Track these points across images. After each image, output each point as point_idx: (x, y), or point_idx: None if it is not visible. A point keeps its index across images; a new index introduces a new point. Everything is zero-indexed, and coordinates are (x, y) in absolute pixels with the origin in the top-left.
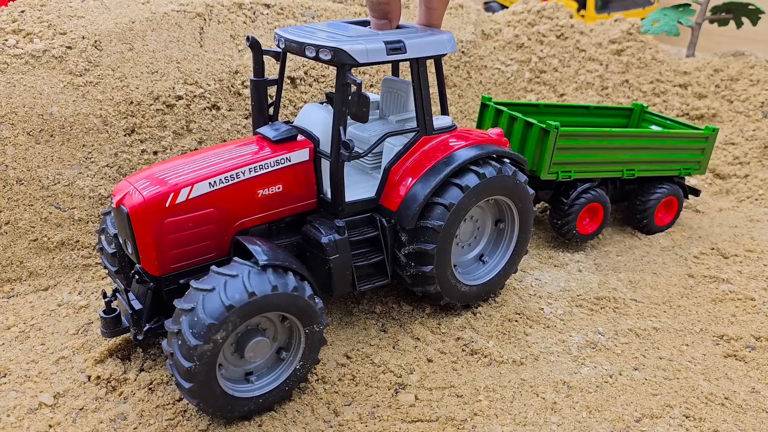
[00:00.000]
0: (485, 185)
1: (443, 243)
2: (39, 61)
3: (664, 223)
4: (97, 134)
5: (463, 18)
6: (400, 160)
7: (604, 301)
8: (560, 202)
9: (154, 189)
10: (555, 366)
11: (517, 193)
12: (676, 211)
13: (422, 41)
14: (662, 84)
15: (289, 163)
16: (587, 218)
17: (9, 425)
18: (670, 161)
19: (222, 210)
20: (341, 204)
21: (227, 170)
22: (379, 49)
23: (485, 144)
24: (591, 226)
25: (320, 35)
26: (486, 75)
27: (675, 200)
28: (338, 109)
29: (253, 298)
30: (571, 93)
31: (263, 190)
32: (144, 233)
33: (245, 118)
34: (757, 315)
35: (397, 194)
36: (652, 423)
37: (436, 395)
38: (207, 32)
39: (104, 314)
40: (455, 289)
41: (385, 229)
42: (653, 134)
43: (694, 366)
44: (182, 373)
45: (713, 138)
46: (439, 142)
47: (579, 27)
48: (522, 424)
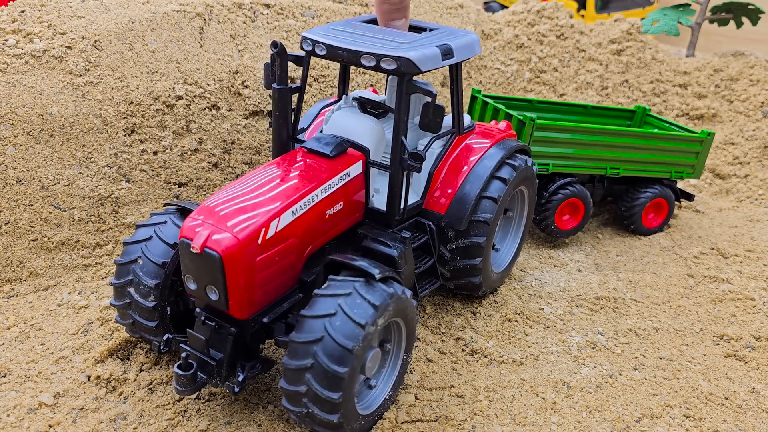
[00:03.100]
0: (518, 177)
1: (490, 235)
2: (39, 61)
3: (653, 225)
4: (97, 134)
5: (463, 18)
6: (441, 162)
7: (604, 301)
8: (539, 195)
9: (246, 226)
10: (555, 366)
11: (531, 181)
12: (666, 214)
13: (464, 44)
14: (662, 84)
15: (349, 178)
16: (567, 214)
17: (9, 425)
18: (660, 163)
19: (301, 238)
20: (398, 213)
21: (304, 195)
22: (436, 55)
23: (507, 139)
24: (570, 222)
25: (367, 41)
26: (486, 75)
27: (665, 203)
28: (400, 118)
29: (378, 311)
30: (571, 93)
31: (330, 210)
32: (237, 277)
33: (245, 118)
34: (757, 315)
35: (444, 196)
36: (652, 423)
37: (436, 395)
38: (207, 32)
39: (181, 371)
40: (489, 278)
41: (434, 232)
42: (638, 134)
43: (694, 366)
44: (328, 407)
45: (709, 142)
46: (469, 143)
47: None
48: (522, 424)
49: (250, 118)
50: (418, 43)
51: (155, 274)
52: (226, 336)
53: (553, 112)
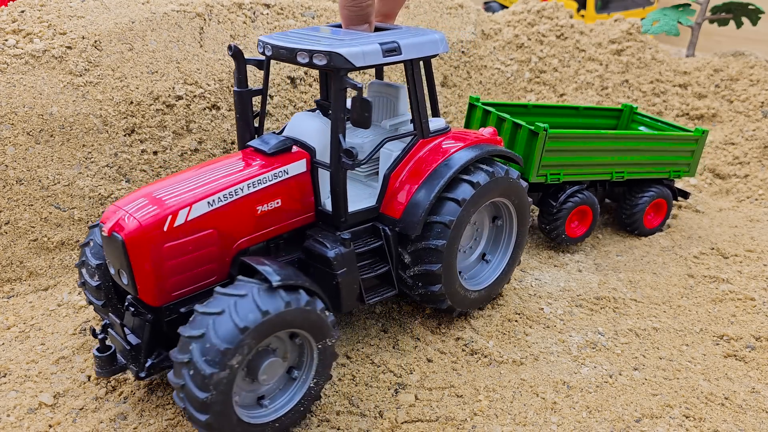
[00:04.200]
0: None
1: (453, 241)
2: (39, 61)
3: (653, 225)
4: (97, 134)
5: (463, 18)
6: (399, 165)
7: (604, 301)
8: (549, 205)
9: (150, 212)
10: (555, 366)
11: (516, 193)
12: (665, 214)
13: (416, 42)
14: (662, 84)
15: (287, 175)
16: (576, 221)
17: (9, 425)
18: (660, 163)
19: (222, 230)
20: (344, 215)
21: (225, 187)
22: (375, 51)
23: (483, 144)
24: (580, 229)
25: (310, 40)
26: (486, 75)
27: (664, 203)
28: (336, 116)
29: (267, 317)
30: (571, 93)
31: (262, 206)
32: (142, 261)
33: None
34: (757, 315)
35: (400, 201)
36: (652, 423)
37: (436, 395)
38: (207, 32)
39: (98, 353)
40: (458, 292)
41: (389, 237)
42: (643, 136)
43: (694, 366)
44: (197, 405)
45: (703, 140)
46: (436, 144)
47: (579, 27)
48: (522, 424)
49: None
50: (359, 40)
51: (99, 255)
52: (143, 323)
53: (548, 116)
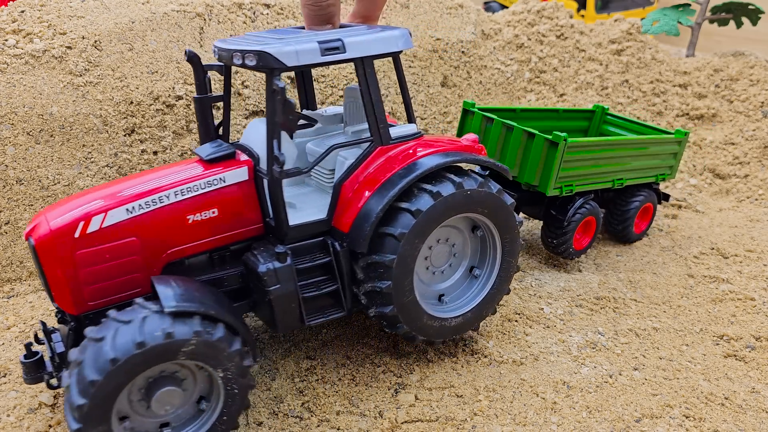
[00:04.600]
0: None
1: (407, 256)
2: (39, 61)
3: (640, 230)
4: (97, 134)
5: (463, 18)
6: (353, 175)
7: (604, 301)
8: (556, 219)
9: (62, 218)
10: (555, 366)
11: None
12: (650, 218)
13: (365, 39)
14: (662, 84)
15: (224, 184)
16: (580, 232)
17: (9, 425)
18: (651, 168)
19: (146, 239)
20: (285, 228)
21: (147, 194)
22: (312, 49)
23: (455, 152)
24: (584, 240)
25: (251, 41)
26: (486, 75)
27: (651, 207)
28: (270, 120)
29: (143, 349)
30: (571, 93)
31: (194, 215)
32: (53, 268)
33: (245, 118)
34: (757, 315)
35: (349, 213)
36: (652, 423)
37: (436, 395)
38: (207, 32)
39: (24, 359)
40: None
41: (338, 253)
42: (648, 141)
43: (694, 366)
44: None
45: (684, 142)
46: (398, 152)
47: (579, 27)
48: (522, 424)
49: (250, 118)
50: (297, 38)
51: None
52: (67, 330)
53: (534, 120)
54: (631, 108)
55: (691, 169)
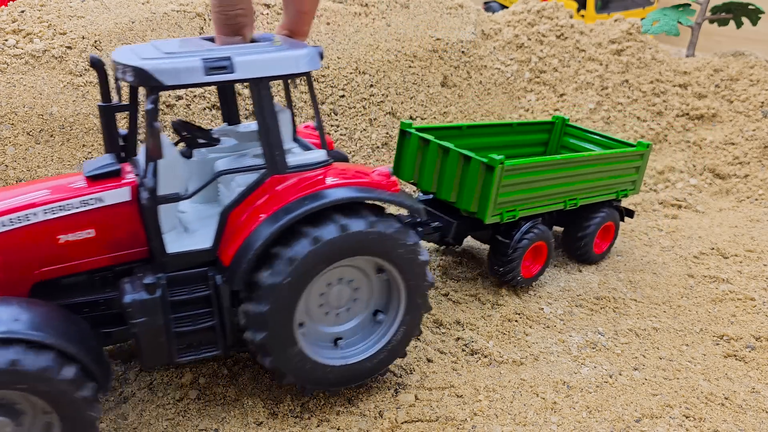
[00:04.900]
0: (354, 241)
1: (284, 307)
2: (39, 61)
3: (601, 250)
4: (97, 134)
5: (463, 18)
6: (242, 203)
7: (604, 301)
8: (501, 245)
9: None
10: (555, 366)
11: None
12: (612, 237)
13: (259, 58)
14: (662, 84)
15: (102, 204)
16: (530, 259)
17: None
18: (610, 184)
19: (9, 258)
20: (160, 256)
21: (12, 211)
22: (193, 68)
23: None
24: (534, 268)
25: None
26: (486, 75)
27: (612, 226)
28: (148, 141)
29: None
30: (571, 93)
31: (67, 235)
32: None
33: (245, 118)
34: (757, 315)
35: (233, 246)
36: (652, 423)
37: (436, 395)
38: (207, 32)
39: None
40: (303, 365)
41: (219, 288)
42: (600, 156)
43: (694, 366)
44: None
45: (647, 155)
46: (293, 183)
47: (579, 27)
48: (522, 424)
49: (250, 118)
50: (180, 54)
51: None
52: None
53: (483, 136)
54: (631, 108)
55: (691, 169)
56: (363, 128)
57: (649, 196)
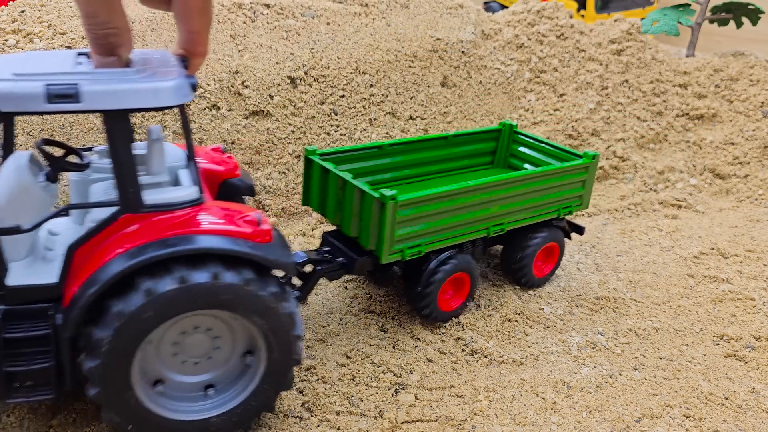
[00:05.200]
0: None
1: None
2: None
3: (544, 273)
4: (98, 134)
5: (463, 18)
6: (91, 241)
7: (604, 301)
8: (412, 279)
9: None
10: (555, 366)
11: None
12: (557, 258)
13: (112, 89)
14: (662, 84)
15: None
16: (450, 291)
17: (9, 425)
18: (547, 203)
19: None
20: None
21: None
22: (33, 94)
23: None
24: (455, 301)
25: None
26: (486, 75)
27: (556, 246)
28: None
29: None
30: (571, 93)
31: None
32: None
33: (245, 118)
34: (757, 315)
35: (74, 287)
36: (652, 423)
37: (436, 395)
38: None
39: None
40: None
41: (58, 328)
42: (527, 176)
43: (694, 366)
44: None
45: (594, 166)
46: (141, 227)
47: (579, 27)
48: (522, 424)
49: (250, 118)
50: (28, 77)
51: None
52: None
53: (410, 153)
54: (631, 108)
55: (691, 169)
56: (363, 128)
57: (649, 196)
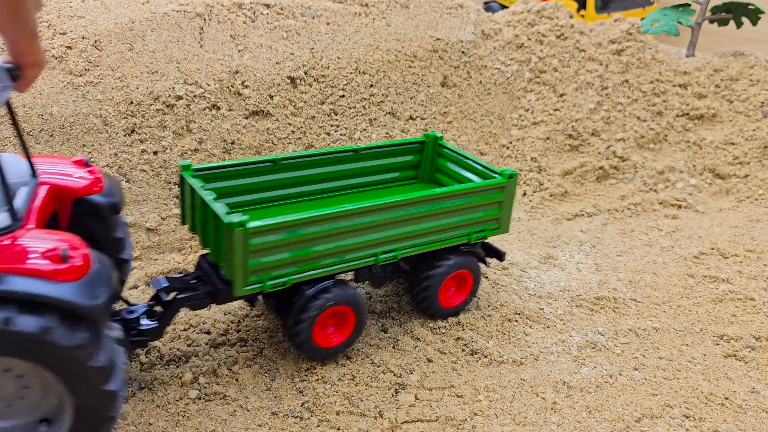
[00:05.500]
0: None
1: None
2: None
3: (452, 304)
4: (97, 134)
5: (463, 18)
6: None
7: (604, 301)
8: (284, 312)
9: None
10: (555, 366)
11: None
12: (471, 286)
13: None
14: (662, 84)
15: None
16: (331, 326)
17: None
18: (453, 227)
19: None
20: None
21: None
22: None
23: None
24: (337, 337)
25: None
26: (486, 75)
27: (468, 274)
28: None
29: None
30: (571, 93)
31: None
32: None
33: (245, 118)
34: (757, 315)
35: None
36: (652, 423)
37: (436, 395)
38: (207, 32)
39: None
40: None
41: None
42: (420, 199)
43: (694, 366)
44: None
45: (512, 186)
46: None
47: (579, 27)
48: (522, 424)
49: (250, 118)
50: None
51: None
52: None
53: (309, 167)
54: (631, 108)
55: (691, 169)
56: (363, 128)
57: (649, 196)
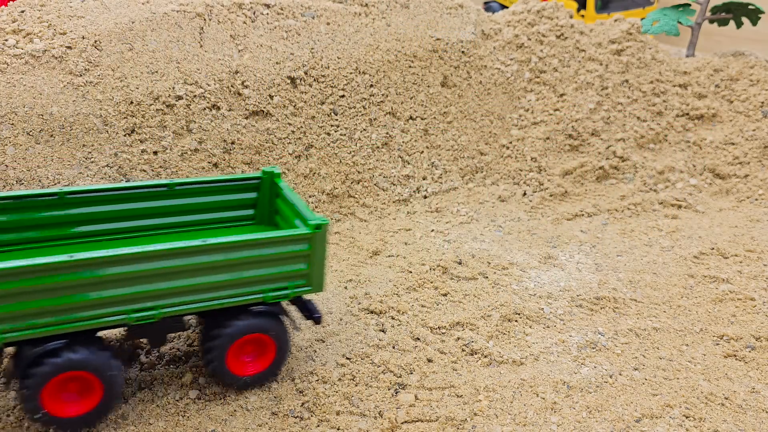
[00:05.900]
0: None
1: None
2: (39, 61)
3: (248, 372)
4: (97, 134)
5: (463, 18)
6: None
7: (604, 301)
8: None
9: None
10: (555, 366)
11: None
12: (275, 353)
13: None
14: (662, 84)
15: None
16: (74, 391)
17: (9, 425)
18: (238, 284)
19: None
20: None
21: None
22: None
23: None
24: (80, 406)
25: None
26: (486, 75)
27: (266, 338)
28: None
29: None
30: (571, 93)
31: None
32: None
33: (245, 118)
34: (757, 315)
35: None
36: (652, 423)
37: (436, 395)
38: (207, 32)
39: None
40: None
41: None
42: (173, 252)
43: (694, 366)
44: None
45: (322, 238)
46: None
47: (579, 27)
48: (522, 424)
49: (250, 118)
50: None
51: None
52: None
53: (99, 203)
54: (631, 108)
55: (691, 169)
56: (363, 128)
57: (649, 196)
